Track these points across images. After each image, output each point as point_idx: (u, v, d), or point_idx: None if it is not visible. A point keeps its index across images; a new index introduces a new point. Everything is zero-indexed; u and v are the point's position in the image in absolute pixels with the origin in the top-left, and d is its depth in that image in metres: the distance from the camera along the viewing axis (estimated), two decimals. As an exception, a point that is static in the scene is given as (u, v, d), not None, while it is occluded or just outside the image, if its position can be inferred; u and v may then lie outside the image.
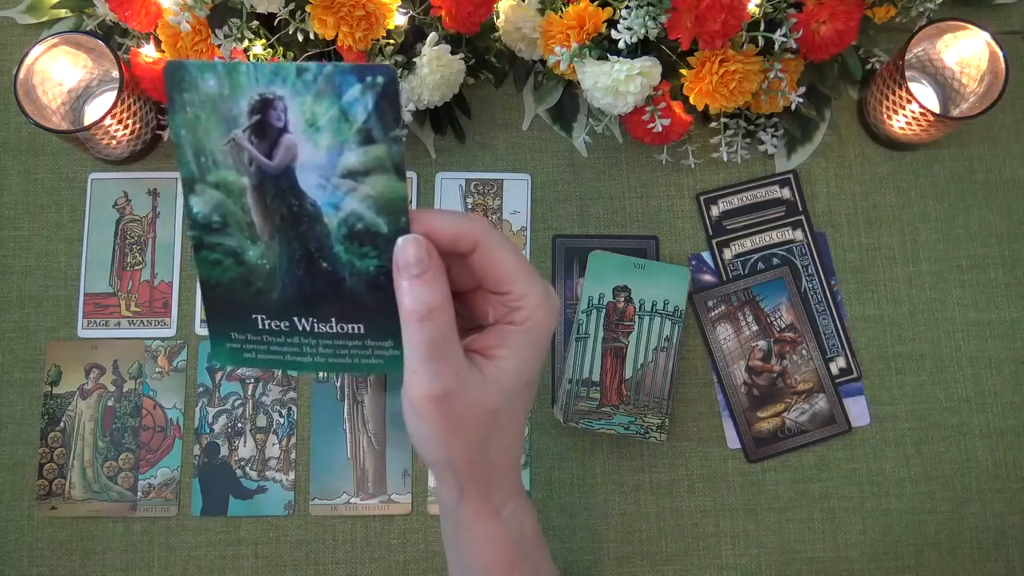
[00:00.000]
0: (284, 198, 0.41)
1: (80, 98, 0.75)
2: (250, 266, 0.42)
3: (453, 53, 0.67)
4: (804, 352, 0.72)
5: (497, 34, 0.72)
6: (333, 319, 0.43)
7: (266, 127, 0.40)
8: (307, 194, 0.41)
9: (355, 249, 0.41)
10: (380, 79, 0.38)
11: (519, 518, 0.49)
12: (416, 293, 0.40)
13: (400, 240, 0.41)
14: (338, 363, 0.44)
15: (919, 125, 0.69)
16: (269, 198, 0.41)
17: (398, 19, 0.65)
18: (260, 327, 0.44)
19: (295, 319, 0.43)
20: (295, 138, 0.40)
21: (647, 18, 0.63)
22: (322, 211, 0.41)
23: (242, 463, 0.71)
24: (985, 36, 0.68)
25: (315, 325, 0.43)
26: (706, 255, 0.75)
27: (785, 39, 0.63)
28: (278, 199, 0.41)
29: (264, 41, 0.65)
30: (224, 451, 0.71)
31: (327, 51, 0.67)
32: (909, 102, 0.68)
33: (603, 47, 0.67)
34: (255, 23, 0.65)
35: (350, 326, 0.43)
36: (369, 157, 0.40)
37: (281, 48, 0.65)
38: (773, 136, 0.74)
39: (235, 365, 0.58)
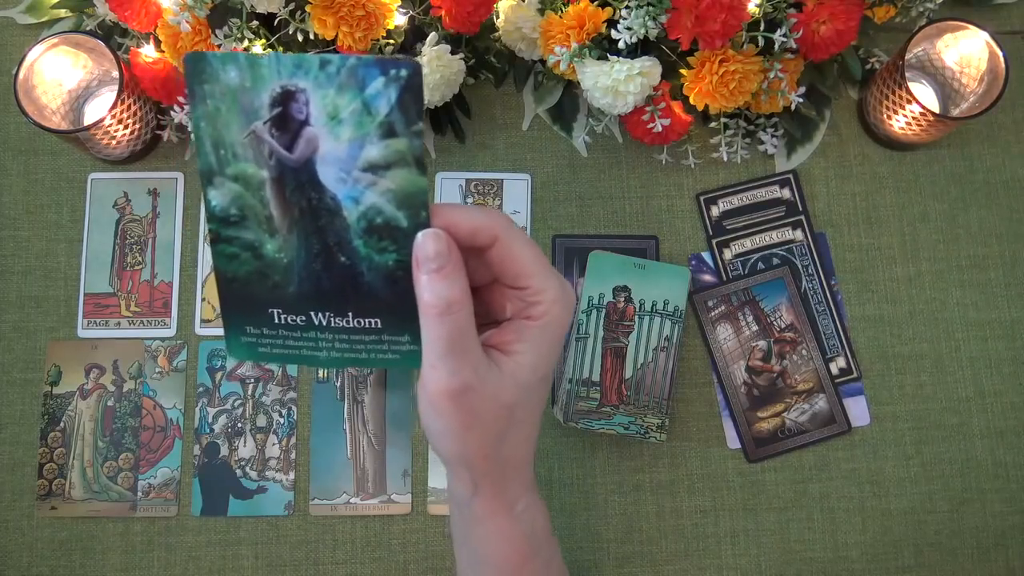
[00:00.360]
0: (303, 191, 0.41)
1: (80, 98, 0.75)
2: (267, 260, 0.42)
3: (453, 53, 0.67)
4: (804, 352, 0.72)
5: (497, 34, 0.72)
6: (350, 314, 0.43)
7: (287, 120, 0.39)
8: (327, 187, 0.40)
9: (374, 243, 0.41)
10: (404, 72, 0.38)
11: (532, 514, 0.49)
12: (436, 287, 0.40)
13: (420, 234, 0.41)
14: (354, 358, 0.44)
15: (919, 125, 0.69)
16: (288, 191, 0.41)
17: (398, 19, 0.65)
18: (276, 321, 0.44)
19: (312, 313, 0.43)
20: (316, 131, 0.39)
21: (647, 18, 0.63)
22: (342, 205, 0.41)
23: (242, 463, 0.71)
24: (985, 36, 0.68)
25: (332, 320, 0.43)
26: (706, 255, 0.75)
27: (785, 39, 0.63)
28: (297, 192, 0.41)
29: (264, 41, 0.65)
30: (224, 451, 0.71)
31: (327, 51, 0.67)
32: (909, 102, 0.68)
33: (603, 47, 0.67)
34: (255, 23, 0.65)
35: (367, 321, 0.43)
36: (390, 151, 0.40)
37: (281, 48, 0.65)
38: (773, 136, 0.74)
39: (250, 360, 0.58)
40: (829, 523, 0.71)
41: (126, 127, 0.70)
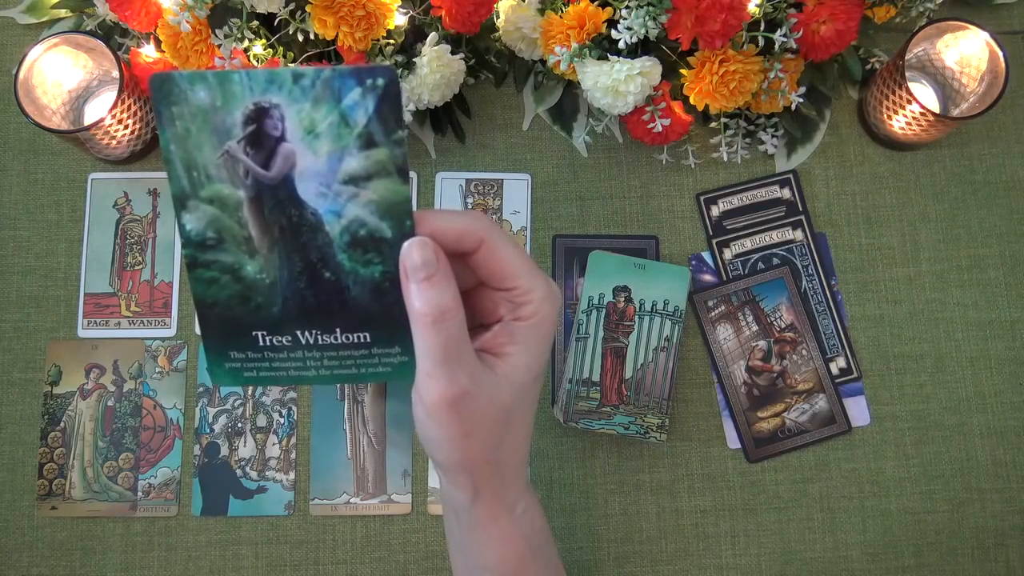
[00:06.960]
0: (283, 209, 0.40)
1: (80, 98, 0.75)
2: (248, 282, 0.41)
3: (453, 53, 0.67)
4: (804, 352, 0.72)
5: (497, 34, 0.72)
6: (338, 330, 0.42)
7: (262, 137, 0.38)
8: (307, 203, 0.40)
9: (359, 256, 0.41)
10: (381, 81, 0.37)
11: (531, 515, 0.49)
12: (427, 296, 0.40)
13: (406, 244, 0.40)
14: (344, 374, 0.44)
15: (919, 125, 0.70)
16: (267, 210, 0.40)
17: (398, 19, 0.65)
18: (261, 344, 0.43)
19: (298, 333, 0.42)
20: (293, 146, 0.39)
21: (647, 18, 0.63)
22: (323, 220, 0.40)
23: (242, 463, 0.71)
24: (985, 36, 0.68)
25: (319, 337, 0.43)
26: (706, 255, 0.75)
27: (785, 39, 0.63)
28: (277, 210, 0.40)
29: (264, 41, 0.65)
30: (224, 451, 0.71)
31: (327, 51, 0.67)
32: (909, 102, 0.68)
33: (603, 47, 0.67)
34: (255, 23, 0.65)
35: (355, 336, 0.43)
36: (371, 161, 0.39)
37: (281, 48, 0.65)
38: (773, 136, 0.74)
39: (236, 385, 0.56)
40: (829, 523, 0.71)
41: (126, 127, 0.70)
